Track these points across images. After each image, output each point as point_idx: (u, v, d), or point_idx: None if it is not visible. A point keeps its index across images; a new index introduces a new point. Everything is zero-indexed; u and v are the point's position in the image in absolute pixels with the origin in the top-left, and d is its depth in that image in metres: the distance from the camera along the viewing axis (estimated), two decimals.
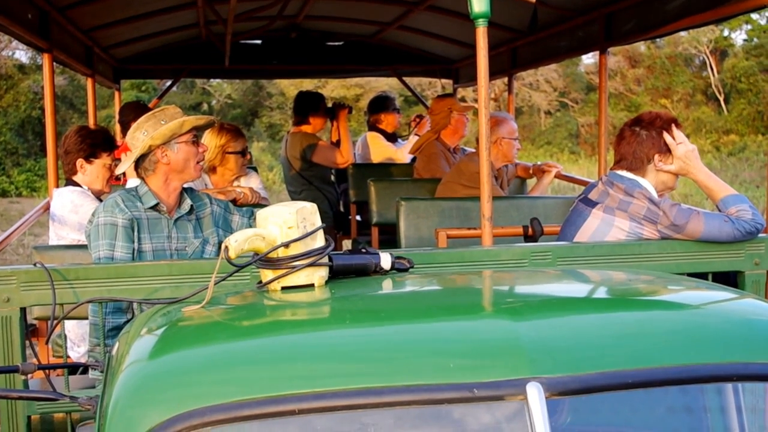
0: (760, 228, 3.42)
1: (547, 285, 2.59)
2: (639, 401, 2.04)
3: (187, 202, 3.66)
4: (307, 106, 6.63)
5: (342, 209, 7.17)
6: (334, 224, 6.83)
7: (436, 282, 2.60)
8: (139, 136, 3.52)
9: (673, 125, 3.60)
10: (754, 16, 35.93)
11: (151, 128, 3.50)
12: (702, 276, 3.26)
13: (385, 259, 2.47)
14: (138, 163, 3.55)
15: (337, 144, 6.37)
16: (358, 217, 6.88)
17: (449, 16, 6.00)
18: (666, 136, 3.56)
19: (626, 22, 4.98)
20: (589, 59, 33.02)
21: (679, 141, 3.55)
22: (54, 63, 5.19)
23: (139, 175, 3.61)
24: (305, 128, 6.61)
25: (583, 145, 32.57)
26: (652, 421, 2.22)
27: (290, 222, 2.25)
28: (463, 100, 7.46)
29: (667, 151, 3.55)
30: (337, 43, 7.88)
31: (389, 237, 5.39)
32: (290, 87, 28.43)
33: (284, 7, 6.38)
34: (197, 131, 3.66)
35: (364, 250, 2.54)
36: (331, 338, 1.98)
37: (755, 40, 37.31)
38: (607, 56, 5.57)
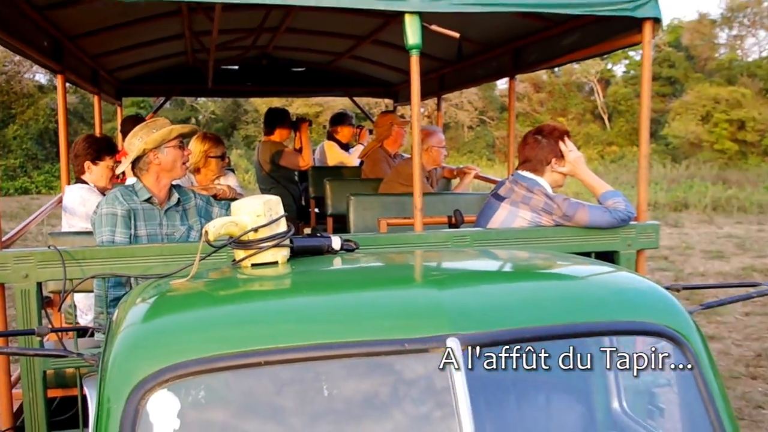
0: (631, 217, 3.47)
1: (464, 261, 2.61)
2: (537, 351, 2.07)
3: (175, 196, 3.62)
4: (275, 119, 6.59)
5: (303, 203, 7.14)
6: (297, 215, 6.81)
7: (376, 259, 2.61)
8: (135, 142, 3.48)
9: (565, 136, 3.64)
10: (632, 53, 36.56)
11: (145, 135, 3.46)
12: (587, 254, 3.29)
13: (336, 242, 2.47)
14: (134, 164, 3.51)
15: (300, 151, 6.34)
16: (316, 210, 6.85)
17: (390, 47, 5.99)
18: (560, 144, 3.59)
19: (530, 55, 5.01)
20: (502, 84, 33.28)
21: (570, 149, 3.59)
22: (66, 83, 5.10)
23: (135, 174, 3.56)
24: (273, 138, 6.58)
25: (498, 154, 32.77)
26: (545, 369, 2.26)
27: (258, 212, 2.24)
28: (402, 116, 7.44)
29: (561, 156, 3.58)
30: (300, 69, 7.82)
31: (341, 225, 5.38)
32: (262, 105, 28.24)
33: (256, 39, 6.34)
34: (183, 138, 3.62)
35: (319, 235, 2.54)
36: (291, 304, 1.98)
37: (632, 72, 37.95)
38: (515, 82, 5.60)
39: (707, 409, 1.97)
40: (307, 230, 6.71)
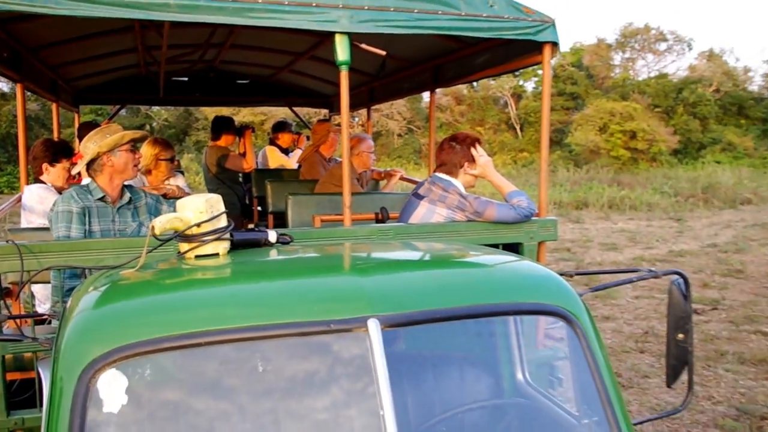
0: (533, 213, 3.54)
1: (386, 252, 2.62)
2: (448, 330, 2.10)
3: (127, 195, 3.55)
4: (221, 126, 6.51)
5: (247, 202, 7.07)
6: (242, 213, 6.74)
7: (308, 251, 2.60)
8: (90, 145, 3.40)
9: (477, 143, 3.69)
10: (540, 71, 37.25)
11: (99, 140, 3.39)
12: (495, 246, 3.33)
13: (272, 235, 2.47)
14: (89, 165, 3.43)
15: (244, 155, 6.28)
16: (259, 208, 6.79)
17: (325, 63, 5.97)
18: (472, 150, 3.64)
19: (448, 72, 5.08)
20: (427, 97, 33.55)
21: (480, 154, 3.64)
22: (26, 92, 4.95)
23: (89, 175, 3.48)
24: (219, 143, 6.49)
25: (424, 159, 32.85)
26: (458, 344, 2.30)
27: (201, 208, 2.22)
28: (337, 124, 7.44)
29: (472, 160, 3.62)
30: (244, 81, 7.73)
31: (281, 222, 5.35)
32: (212, 113, 27.68)
33: (204, 54, 6.25)
34: (135, 142, 3.56)
35: (257, 229, 2.53)
36: (230, 290, 1.97)
37: (540, 88, 38.60)
38: (435, 95, 5.67)
39: (594, 377, 2.03)
40: (251, 226, 6.66)
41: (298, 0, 3.03)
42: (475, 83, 37.21)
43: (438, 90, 5.65)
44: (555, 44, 3.53)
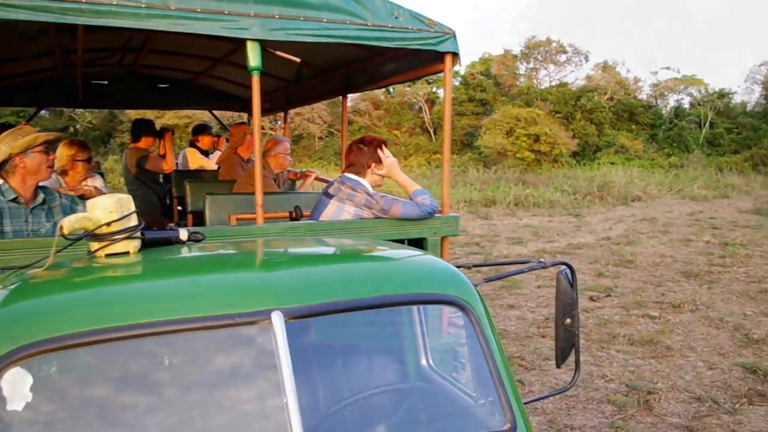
0: (436, 210, 3.60)
1: (294, 248, 2.60)
2: (354, 321, 2.11)
3: (41, 196, 3.41)
4: (141, 129, 6.35)
5: (168, 202, 6.92)
6: (162, 212, 6.59)
7: (217, 248, 2.56)
8: (2, 147, 3.25)
9: (383, 145, 3.72)
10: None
11: (11, 141, 3.24)
12: (401, 241, 3.37)
13: (183, 234, 2.42)
14: (1, 167, 3.28)
15: (164, 156, 6.14)
16: (179, 208, 6.65)
17: (241, 68, 5.89)
18: (379, 151, 3.67)
19: (359, 78, 5.10)
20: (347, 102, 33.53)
21: (387, 155, 3.67)
22: None
23: (1, 177, 3.33)
24: (139, 145, 6.32)
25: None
26: (364, 334, 2.31)
27: (111, 208, 2.16)
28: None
29: (379, 161, 3.64)
30: (165, 85, 7.54)
31: (200, 221, 5.26)
32: (137, 115, 26.85)
33: (122, 58, 6.07)
34: (48, 144, 3.42)
35: (168, 228, 2.48)
36: (137, 287, 1.91)
37: (452, 94, 39.22)
38: (347, 100, 5.68)
39: (487, 361, 2.09)
40: (171, 225, 6.51)
41: (210, 8, 2.99)
42: (391, 89, 37.45)
43: (356, 95, 5.67)
44: (455, 54, 3.61)
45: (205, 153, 7.49)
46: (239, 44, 3.96)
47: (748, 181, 26.90)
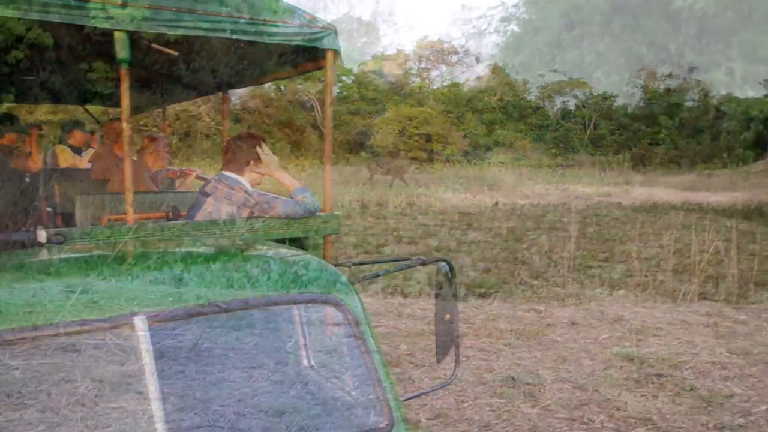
0: (317, 209, 3.59)
1: (164, 249, 2.54)
2: (227, 324, 2.09)
3: None
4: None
5: (35, 203, 6.54)
6: (28, 214, 6.23)
7: (80, 251, 2.44)
8: None
9: (262, 142, 3.67)
10: (344, 77, 38.05)
11: None
12: (282, 241, 3.34)
13: (41, 235, 2.31)
14: None
15: (30, 154, 5.80)
16: (48, 209, 6.30)
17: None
18: (258, 149, 3.62)
19: (240, 74, 5.00)
20: (235, 99, 32.96)
21: (266, 153, 3.63)
22: None
23: None
24: (3, 142, 5.95)
25: None
26: (238, 337, 2.29)
27: None
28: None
29: (257, 158, 3.59)
30: (31, 78, 7.11)
31: (70, 222, 5.00)
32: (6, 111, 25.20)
33: None
34: None
35: (25, 230, 2.36)
36: None
37: (344, 93, 39.48)
38: (228, 95, 5.56)
39: (364, 357, 2.12)
40: (39, 228, 6.16)
41: None
42: (282, 87, 37.14)
43: (246, 92, 5.58)
44: (336, 51, 3.63)
45: (78, 150, 7.15)
46: (110, 36, 3.79)
47: (628, 180, 28.73)
